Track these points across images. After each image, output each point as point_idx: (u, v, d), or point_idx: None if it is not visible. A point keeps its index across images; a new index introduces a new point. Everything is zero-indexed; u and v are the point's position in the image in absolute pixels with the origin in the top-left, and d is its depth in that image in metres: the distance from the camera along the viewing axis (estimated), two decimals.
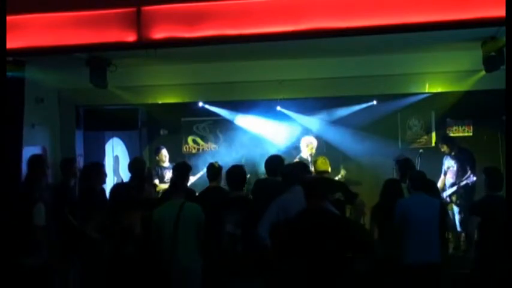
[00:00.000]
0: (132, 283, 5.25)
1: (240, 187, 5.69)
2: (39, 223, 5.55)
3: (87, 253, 5.78)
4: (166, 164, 8.84)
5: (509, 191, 4.71)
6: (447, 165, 8.36)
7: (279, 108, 9.62)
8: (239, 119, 9.97)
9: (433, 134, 10.09)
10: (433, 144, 9.92)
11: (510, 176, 4.69)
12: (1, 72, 5.12)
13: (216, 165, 6.26)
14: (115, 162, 9.75)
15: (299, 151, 8.64)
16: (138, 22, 5.57)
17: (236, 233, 5.30)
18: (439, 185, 7.99)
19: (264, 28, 5.40)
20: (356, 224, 6.57)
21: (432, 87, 8.20)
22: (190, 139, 10.68)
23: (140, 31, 5.57)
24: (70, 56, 6.63)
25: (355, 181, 8.50)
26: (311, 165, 7.72)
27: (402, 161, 6.82)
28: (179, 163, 6.97)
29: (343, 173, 8.63)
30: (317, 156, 8.08)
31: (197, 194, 6.48)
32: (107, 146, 9.64)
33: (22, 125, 6.53)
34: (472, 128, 9.99)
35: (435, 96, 8.59)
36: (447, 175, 8.33)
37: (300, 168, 6.01)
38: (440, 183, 8.21)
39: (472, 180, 7.95)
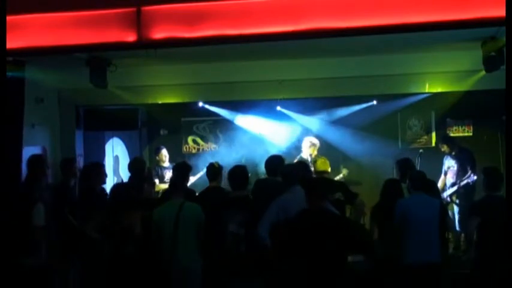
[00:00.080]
0: (132, 283, 5.26)
1: (242, 187, 5.69)
2: (38, 223, 5.54)
3: (87, 253, 5.79)
4: (166, 164, 8.83)
5: (509, 191, 4.70)
6: (447, 165, 8.36)
7: (279, 108, 9.61)
8: (239, 119, 9.97)
9: (433, 134, 10.09)
10: (433, 144, 9.92)
11: (510, 176, 4.69)
12: (1, 72, 5.12)
13: (216, 165, 6.24)
14: (115, 162, 9.74)
15: (299, 151, 8.64)
16: (138, 22, 5.57)
17: (240, 233, 5.31)
18: (440, 185, 8.00)
19: (264, 28, 5.40)
20: (356, 224, 6.57)
21: (432, 87, 8.20)
22: (190, 139, 10.67)
23: (140, 31, 5.57)
24: (70, 56, 6.63)
25: (355, 181, 8.49)
26: (311, 165, 7.72)
27: (402, 161, 6.82)
28: (179, 163, 6.97)
29: (344, 172, 8.64)
30: (317, 156, 8.09)
31: (197, 194, 6.47)
32: (107, 146, 9.63)
33: (22, 125, 6.52)
34: (472, 128, 9.99)
35: (435, 96, 8.58)
36: (447, 175, 8.33)
37: (302, 168, 6.01)
38: (440, 183, 8.21)
39: (473, 179, 7.94)
